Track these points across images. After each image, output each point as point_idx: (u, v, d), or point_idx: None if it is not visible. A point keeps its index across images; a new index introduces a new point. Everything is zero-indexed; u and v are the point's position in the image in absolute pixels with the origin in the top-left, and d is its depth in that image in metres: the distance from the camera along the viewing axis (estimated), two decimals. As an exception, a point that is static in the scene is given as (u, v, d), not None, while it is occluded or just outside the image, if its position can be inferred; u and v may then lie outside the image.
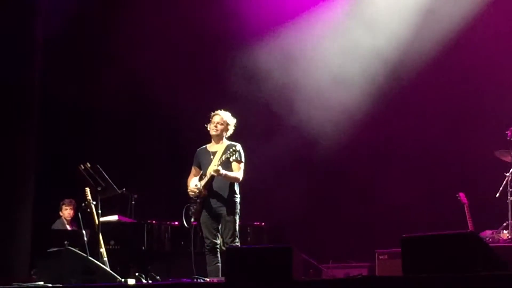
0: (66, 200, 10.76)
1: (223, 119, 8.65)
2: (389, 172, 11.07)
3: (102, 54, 11.73)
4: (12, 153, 11.47)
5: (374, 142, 11.34)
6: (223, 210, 8.47)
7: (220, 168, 8.30)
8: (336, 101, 11.49)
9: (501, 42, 10.75)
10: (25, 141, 11.71)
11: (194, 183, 8.61)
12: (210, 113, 8.72)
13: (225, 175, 8.38)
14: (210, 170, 8.42)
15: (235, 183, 8.55)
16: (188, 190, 8.63)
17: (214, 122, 8.64)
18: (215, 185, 8.51)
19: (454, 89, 10.97)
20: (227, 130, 8.68)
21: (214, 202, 8.51)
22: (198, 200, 8.55)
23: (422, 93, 11.18)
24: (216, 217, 8.51)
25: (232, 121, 8.72)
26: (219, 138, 8.67)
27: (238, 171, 8.50)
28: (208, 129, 8.67)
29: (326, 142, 11.52)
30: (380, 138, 11.31)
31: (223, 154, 8.44)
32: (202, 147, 8.81)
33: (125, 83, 11.86)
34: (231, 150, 8.38)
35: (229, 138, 8.73)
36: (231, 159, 8.39)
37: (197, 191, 8.51)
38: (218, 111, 8.70)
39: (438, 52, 11.01)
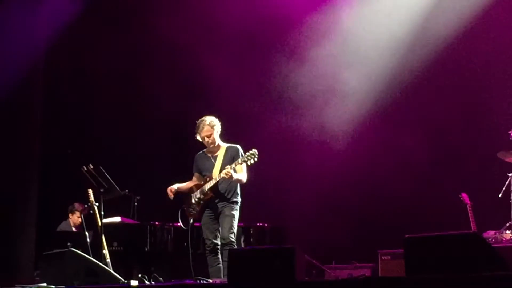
0: (81, 208, 10.71)
1: (209, 127, 8.60)
2: (392, 172, 11.06)
3: (103, 54, 11.73)
4: (16, 154, 11.50)
5: (377, 143, 11.33)
6: (223, 209, 8.51)
7: (232, 171, 8.32)
8: (338, 103, 11.51)
9: (504, 42, 10.73)
10: (29, 142, 11.73)
11: (190, 188, 8.69)
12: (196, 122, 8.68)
13: (236, 179, 8.41)
14: (216, 173, 8.47)
15: (238, 184, 8.58)
16: (168, 189, 8.72)
17: (203, 137, 8.61)
18: (220, 186, 8.53)
19: (457, 89, 10.96)
20: (217, 133, 8.67)
21: (217, 203, 8.54)
22: (201, 202, 8.58)
23: (425, 94, 11.17)
24: (217, 217, 8.54)
25: (216, 121, 8.69)
26: (214, 144, 8.69)
27: (242, 173, 8.51)
28: (200, 139, 8.67)
29: (330, 144, 11.52)
30: (384, 139, 11.29)
31: (226, 156, 8.51)
32: (199, 152, 8.85)
33: (128, 84, 11.88)
34: (247, 154, 8.34)
35: (223, 138, 8.72)
36: (249, 163, 8.36)
37: (172, 194, 8.64)
38: (201, 123, 8.63)
39: (441, 52, 11.00)
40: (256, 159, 8.34)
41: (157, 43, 11.90)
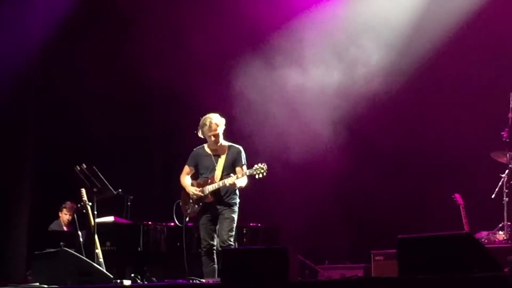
0: (69, 205, 10.70)
1: (216, 125, 8.48)
2: (385, 172, 11.07)
3: (99, 53, 11.70)
4: (8, 153, 11.46)
5: (370, 143, 11.33)
6: (222, 210, 8.48)
7: (237, 182, 8.30)
8: (331, 103, 11.50)
9: (497, 42, 10.73)
10: (22, 142, 11.70)
11: (191, 185, 8.61)
12: (200, 119, 8.59)
13: (239, 186, 8.42)
14: (218, 176, 8.42)
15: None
16: (191, 193, 8.57)
17: (210, 135, 8.46)
18: (222, 190, 8.50)
19: (450, 89, 10.97)
20: (221, 131, 8.59)
21: (217, 204, 8.50)
22: (200, 203, 8.54)
23: (418, 94, 11.17)
24: (215, 218, 8.52)
25: (222, 120, 8.58)
26: (218, 142, 8.61)
27: (242, 177, 8.45)
28: (202, 136, 8.59)
29: (323, 143, 11.52)
30: (377, 139, 11.29)
31: (227, 157, 8.49)
32: (199, 147, 8.75)
33: (123, 85, 11.86)
34: (255, 168, 8.27)
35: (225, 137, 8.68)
36: (256, 176, 8.30)
37: (202, 194, 8.51)
38: (206, 119, 8.51)
39: (434, 52, 11.00)
40: (264, 174, 8.26)
41: (154, 42, 11.89)
